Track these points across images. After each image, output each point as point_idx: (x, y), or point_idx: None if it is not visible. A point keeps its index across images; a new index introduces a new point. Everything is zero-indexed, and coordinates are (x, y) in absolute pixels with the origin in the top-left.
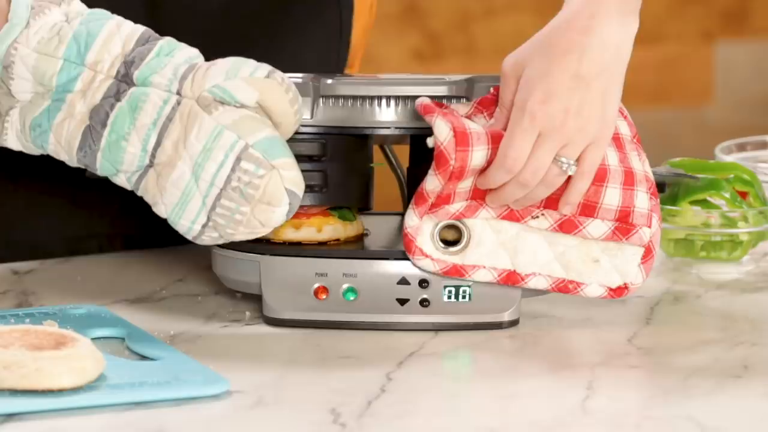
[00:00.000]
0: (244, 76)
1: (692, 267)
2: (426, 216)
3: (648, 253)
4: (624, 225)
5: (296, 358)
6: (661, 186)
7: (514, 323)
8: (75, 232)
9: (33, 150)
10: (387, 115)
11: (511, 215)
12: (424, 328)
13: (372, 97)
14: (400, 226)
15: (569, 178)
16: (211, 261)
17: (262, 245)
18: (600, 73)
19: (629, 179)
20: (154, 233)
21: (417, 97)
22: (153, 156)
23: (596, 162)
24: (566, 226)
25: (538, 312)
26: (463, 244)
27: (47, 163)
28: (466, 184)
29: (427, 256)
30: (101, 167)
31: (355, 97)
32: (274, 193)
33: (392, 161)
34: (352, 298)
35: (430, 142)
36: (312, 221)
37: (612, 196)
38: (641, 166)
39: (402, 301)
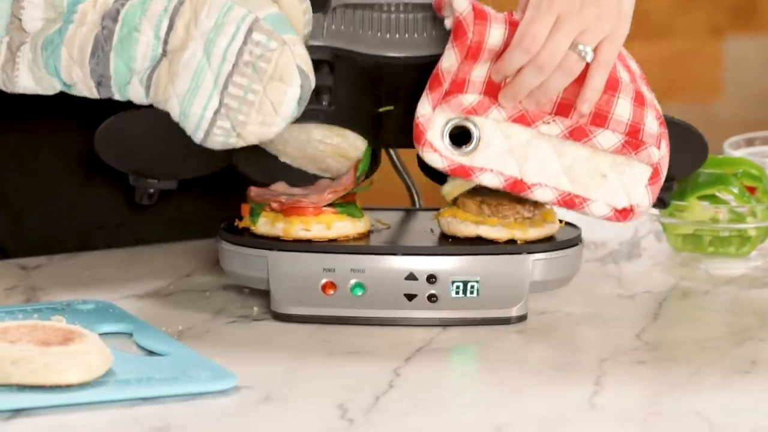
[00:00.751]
0: None
1: (700, 262)
2: (438, 108)
3: (656, 174)
4: (634, 140)
5: (304, 354)
6: (662, 203)
7: (522, 318)
8: (83, 225)
9: (45, 81)
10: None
11: (523, 118)
12: (431, 324)
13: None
14: (409, 222)
15: (585, 73)
16: (219, 256)
17: (270, 241)
18: None
19: (640, 98)
20: (162, 227)
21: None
22: (166, 43)
23: (612, 56)
24: (577, 134)
25: (545, 308)
26: (472, 146)
27: (55, 156)
28: (480, 73)
29: (435, 150)
30: (115, 72)
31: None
32: (286, 68)
33: (399, 169)
34: (359, 293)
35: (447, 23)
36: (321, 218)
37: (623, 108)
38: (651, 95)
39: (410, 297)
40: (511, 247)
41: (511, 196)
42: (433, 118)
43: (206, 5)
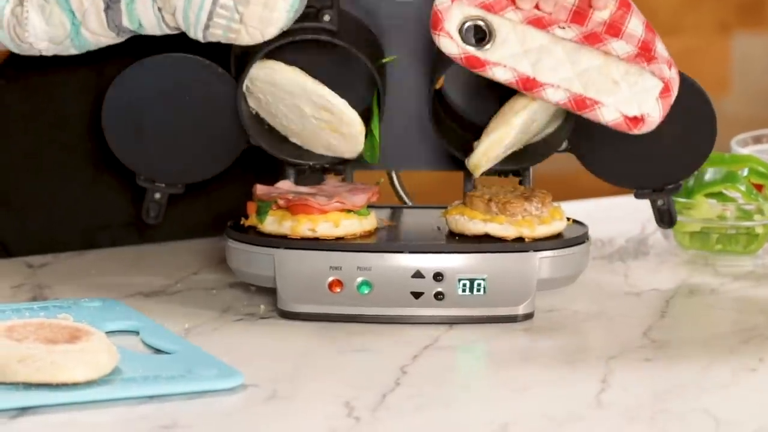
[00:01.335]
0: None
1: (708, 260)
2: (456, 1)
3: (666, 90)
4: (646, 53)
5: (310, 352)
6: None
7: (528, 317)
8: (89, 224)
9: (56, 16)
10: None
11: (538, 21)
12: (438, 322)
13: None
14: (415, 220)
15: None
16: (226, 254)
17: (277, 239)
18: None
19: (650, 28)
20: (169, 225)
21: None
22: None
23: None
24: (591, 39)
25: (552, 305)
26: (487, 45)
27: (61, 156)
28: None
29: (452, 38)
30: None
31: None
32: None
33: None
34: (366, 291)
35: None
36: (328, 217)
37: (636, 25)
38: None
39: (416, 295)
40: (518, 245)
41: (519, 194)
42: (451, 10)
43: None
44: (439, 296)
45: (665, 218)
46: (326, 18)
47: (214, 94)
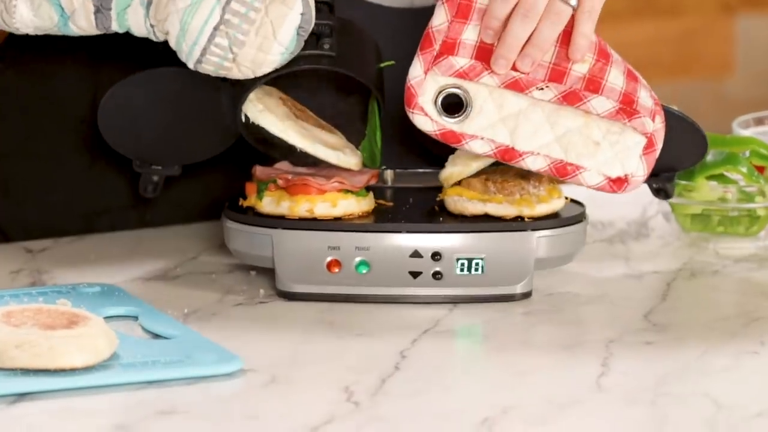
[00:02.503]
0: None
1: (709, 242)
2: (430, 73)
3: (650, 145)
4: (627, 108)
5: (310, 336)
6: (665, 194)
7: (526, 295)
8: (88, 209)
9: (44, 9)
10: None
11: (516, 84)
12: (436, 301)
13: None
14: (413, 200)
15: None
16: (224, 235)
17: (275, 219)
18: None
19: (632, 75)
20: (168, 210)
21: None
22: None
23: (596, 6)
24: (571, 98)
25: (553, 288)
26: (463, 114)
27: (59, 140)
28: (471, 36)
29: (426, 114)
30: None
31: None
32: None
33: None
34: (364, 271)
35: None
36: (326, 197)
37: (616, 77)
38: (645, 82)
39: (415, 274)
40: (515, 224)
41: (516, 173)
42: (424, 83)
43: None
44: (437, 276)
45: (661, 194)
46: (326, 46)
47: (212, 89)
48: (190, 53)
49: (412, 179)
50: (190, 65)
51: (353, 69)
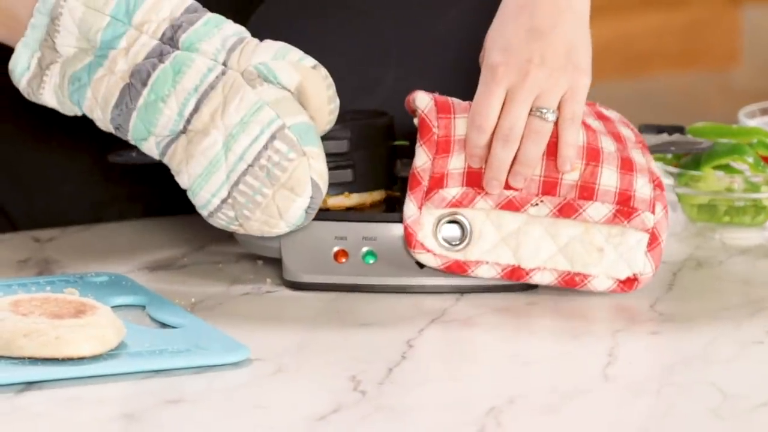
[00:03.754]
0: (292, 60)
1: (715, 232)
2: (424, 207)
3: (654, 240)
4: (625, 208)
5: (317, 326)
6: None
7: (533, 285)
8: (96, 198)
9: (67, 106)
10: None
11: (510, 204)
12: (443, 291)
13: None
14: None
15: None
16: None
17: None
18: (555, 26)
19: (627, 165)
20: (175, 199)
21: None
22: (188, 122)
23: (577, 111)
24: (566, 210)
25: None
26: (465, 242)
27: (68, 130)
28: (458, 164)
29: (428, 251)
30: (134, 128)
31: None
32: (300, 180)
33: None
34: (371, 261)
35: (416, 121)
36: None
37: (609, 177)
38: (644, 160)
39: (421, 264)
40: None
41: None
42: (421, 219)
43: (237, 98)
44: None
45: None
46: (342, 180)
47: None
48: (199, 209)
49: None
50: (201, 215)
51: (369, 187)
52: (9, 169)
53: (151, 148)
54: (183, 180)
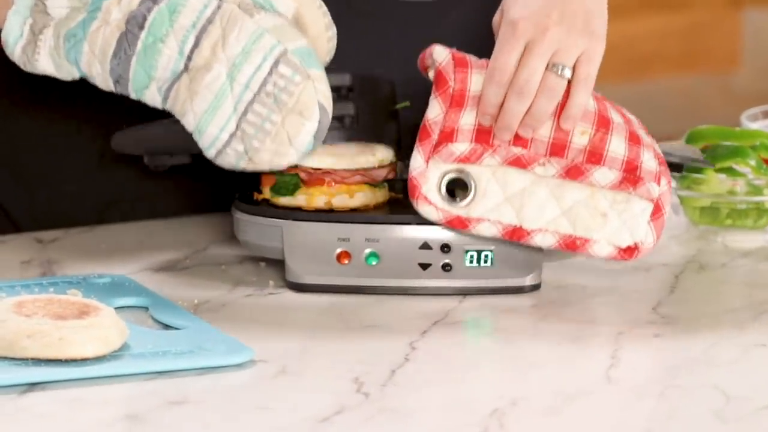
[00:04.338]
0: None
1: (717, 235)
2: (431, 161)
3: (657, 210)
4: (631, 176)
5: (320, 328)
6: (678, 167)
7: (536, 287)
8: (99, 199)
9: (65, 69)
10: None
11: (518, 161)
12: (446, 293)
13: None
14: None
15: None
16: (234, 227)
17: (285, 210)
18: None
19: (634, 138)
20: (178, 200)
21: None
22: (189, 59)
23: (591, 73)
24: (573, 173)
25: (562, 281)
26: (468, 198)
27: (70, 131)
28: (469, 120)
29: (431, 204)
30: (134, 76)
31: None
32: (307, 104)
33: None
34: (374, 262)
35: (431, 74)
36: (342, 188)
37: (617, 145)
38: (649, 139)
39: (424, 266)
40: None
41: None
42: (426, 172)
43: (236, 29)
44: (446, 268)
45: None
46: (347, 124)
47: None
48: (206, 150)
49: None
50: (208, 157)
51: (372, 137)
52: (11, 170)
53: (153, 96)
54: (189, 121)
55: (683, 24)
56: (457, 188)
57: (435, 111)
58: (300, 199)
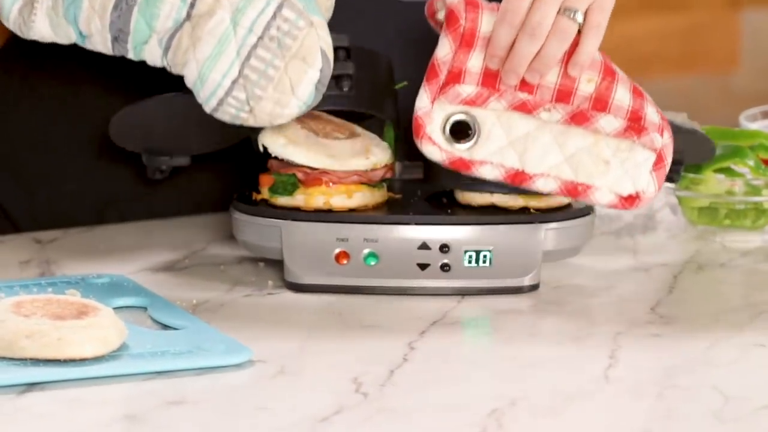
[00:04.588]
0: None
1: (716, 235)
2: (437, 102)
3: (660, 161)
4: (636, 125)
5: (318, 328)
6: (678, 164)
7: (534, 288)
8: (97, 199)
9: (62, 29)
10: None
11: (523, 106)
12: (444, 293)
13: None
14: (421, 192)
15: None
16: (233, 227)
17: (284, 210)
18: None
19: (637, 92)
20: (177, 200)
21: None
22: (192, 6)
23: (602, 22)
24: (578, 118)
25: (560, 281)
26: (472, 141)
27: (70, 130)
28: (476, 63)
29: (435, 143)
30: (135, 28)
31: None
32: (310, 49)
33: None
34: (373, 263)
35: (440, 15)
36: (340, 188)
37: (623, 95)
38: (650, 98)
39: (423, 266)
40: (523, 216)
41: None
42: (432, 112)
43: None
44: (445, 268)
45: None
46: (345, 88)
47: None
48: (207, 101)
49: (420, 171)
50: (206, 110)
51: (372, 106)
52: (10, 170)
53: (152, 51)
54: (191, 70)
55: (682, 25)
56: (460, 132)
57: (444, 50)
58: (298, 199)
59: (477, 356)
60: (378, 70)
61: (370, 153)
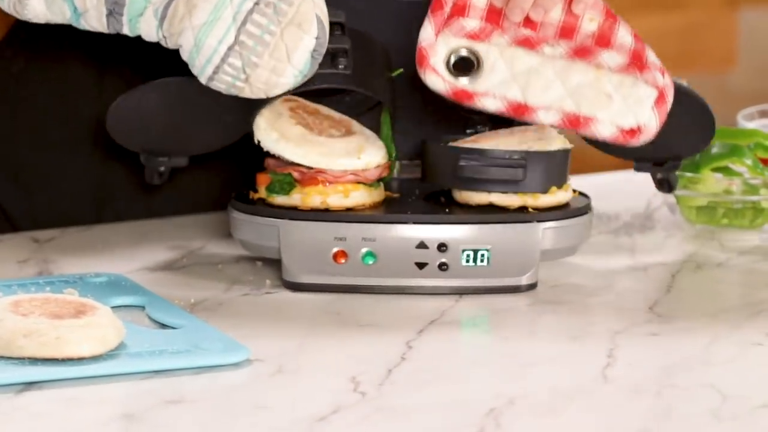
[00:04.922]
0: None
1: (714, 234)
2: (441, 35)
3: (662, 98)
4: (638, 62)
5: (316, 327)
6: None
7: (532, 287)
8: (95, 198)
9: (57, 6)
10: None
11: (526, 42)
12: (442, 292)
13: None
14: (419, 191)
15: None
16: (230, 226)
17: (282, 210)
18: None
19: (639, 38)
20: (175, 200)
21: None
22: None
23: None
24: (582, 52)
25: (558, 280)
26: (476, 74)
27: (67, 130)
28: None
29: (438, 74)
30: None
31: None
32: (306, 15)
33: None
34: (371, 262)
35: None
36: (337, 188)
37: (625, 35)
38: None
39: (421, 265)
40: (521, 215)
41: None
42: (435, 45)
43: None
44: (443, 267)
45: (664, 186)
46: (341, 66)
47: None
48: (203, 70)
49: (418, 170)
50: (202, 81)
51: (367, 86)
52: (8, 169)
53: (148, 23)
54: (187, 38)
55: (679, 24)
56: (463, 68)
57: None
58: (296, 198)
59: (475, 355)
60: (374, 53)
61: (363, 153)
